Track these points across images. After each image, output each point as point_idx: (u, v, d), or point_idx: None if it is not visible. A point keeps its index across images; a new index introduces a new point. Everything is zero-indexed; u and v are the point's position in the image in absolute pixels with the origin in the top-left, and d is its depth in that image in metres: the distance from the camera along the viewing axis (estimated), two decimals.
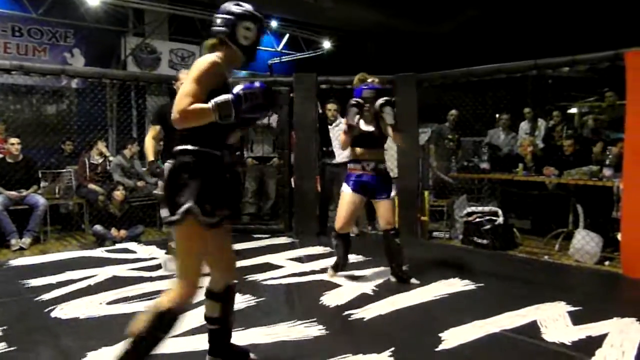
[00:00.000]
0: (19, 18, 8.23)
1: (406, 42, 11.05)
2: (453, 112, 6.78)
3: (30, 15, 8.18)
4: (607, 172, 4.80)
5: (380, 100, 3.79)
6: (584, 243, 4.74)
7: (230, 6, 2.20)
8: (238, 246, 5.28)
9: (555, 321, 3.10)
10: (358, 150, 3.92)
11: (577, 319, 3.12)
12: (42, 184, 5.88)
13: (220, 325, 2.37)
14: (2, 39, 8.19)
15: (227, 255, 2.35)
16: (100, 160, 6.33)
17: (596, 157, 5.34)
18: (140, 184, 6.43)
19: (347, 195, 3.91)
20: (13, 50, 8.24)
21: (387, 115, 3.76)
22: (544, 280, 4.15)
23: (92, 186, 6.02)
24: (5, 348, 2.71)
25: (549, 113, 7.54)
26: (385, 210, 3.91)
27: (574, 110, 8.88)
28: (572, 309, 3.31)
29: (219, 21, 2.18)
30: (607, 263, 4.64)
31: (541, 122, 7.10)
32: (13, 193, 5.38)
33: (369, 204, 6.22)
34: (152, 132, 4.21)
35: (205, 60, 2.08)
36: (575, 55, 4.69)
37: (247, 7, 2.22)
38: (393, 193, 3.92)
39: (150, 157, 4.12)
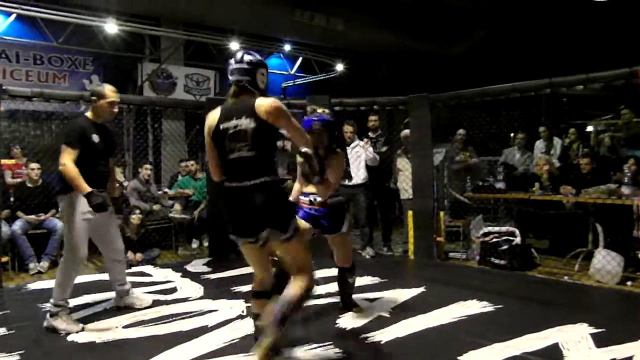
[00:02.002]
0: (40, 47, 8.48)
1: (419, 64, 11.13)
2: (461, 131, 6.73)
3: (50, 44, 8.42)
4: (625, 190, 4.73)
5: (302, 149, 3.21)
6: (605, 263, 4.64)
7: (246, 56, 2.58)
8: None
9: (577, 343, 3.03)
10: (306, 183, 3.58)
11: (600, 341, 3.05)
12: (61, 208, 5.95)
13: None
14: (24, 67, 8.44)
15: None
16: (117, 185, 6.40)
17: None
18: (156, 207, 6.48)
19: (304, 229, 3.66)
20: (34, 78, 8.47)
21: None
22: (564, 301, 4.06)
23: None
24: None
25: (565, 131, 7.49)
26: (338, 247, 3.69)
27: (590, 128, 8.81)
28: (595, 330, 3.23)
29: (239, 70, 2.55)
30: (629, 283, 4.53)
31: (557, 141, 7.06)
32: (32, 217, 5.47)
33: (385, 224, 6.28)
34: (72, 156, 3.37)
35: (278, 103, 2.52)
36: (589, 74, 4.67)
37: (257, 55, 2.63)
38: (345, 227, 3.61)
39: (86, 186, 3.32)
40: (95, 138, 3.51)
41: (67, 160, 3.37)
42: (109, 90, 3.60)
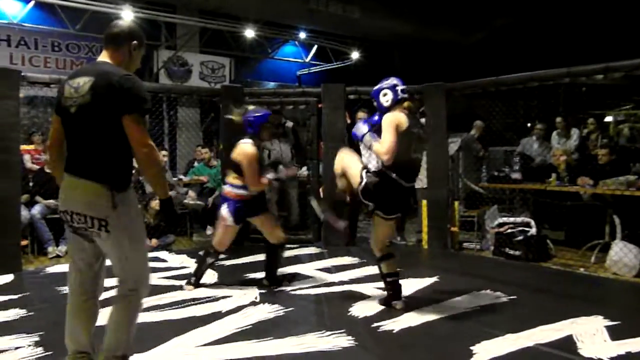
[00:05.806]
0: (58, 34, 8.56)
1: (434, 52, 11.01)
2: (478, 122, 6.65)
3: (68, 31, 8.49)
4: None
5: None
6: (622, 255, 4.59)
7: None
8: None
9: (592, 336, 3.00)
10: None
11: (616, 333, 3.02)
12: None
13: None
14: (43, 53, 8.54)
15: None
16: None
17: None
18: (171, 193, 6.52)
19: (230, 227, 3.92)
20: (52, 65, 8.57)
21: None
22: (579, 294, 4.03)
23: None
24: (42, 353, 2.80)
25: (583, 122, 7.38)
26: (270, 225, 4.05)
27: (609, 118, 8.66)
28: (610, 323, 3.19)
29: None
30: None
31: (574, 131, 6.95)
32: (51, 202, 5.55)
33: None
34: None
35: None
36: (609, 63, 4.58)
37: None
38: (269, 206, 4.13)
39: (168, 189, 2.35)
40: None
41: (150, 139, 2.14)
42: None
